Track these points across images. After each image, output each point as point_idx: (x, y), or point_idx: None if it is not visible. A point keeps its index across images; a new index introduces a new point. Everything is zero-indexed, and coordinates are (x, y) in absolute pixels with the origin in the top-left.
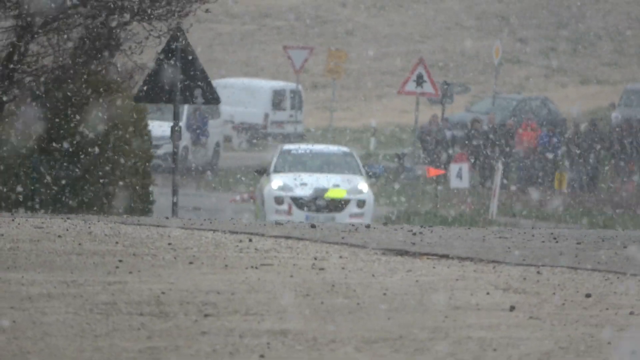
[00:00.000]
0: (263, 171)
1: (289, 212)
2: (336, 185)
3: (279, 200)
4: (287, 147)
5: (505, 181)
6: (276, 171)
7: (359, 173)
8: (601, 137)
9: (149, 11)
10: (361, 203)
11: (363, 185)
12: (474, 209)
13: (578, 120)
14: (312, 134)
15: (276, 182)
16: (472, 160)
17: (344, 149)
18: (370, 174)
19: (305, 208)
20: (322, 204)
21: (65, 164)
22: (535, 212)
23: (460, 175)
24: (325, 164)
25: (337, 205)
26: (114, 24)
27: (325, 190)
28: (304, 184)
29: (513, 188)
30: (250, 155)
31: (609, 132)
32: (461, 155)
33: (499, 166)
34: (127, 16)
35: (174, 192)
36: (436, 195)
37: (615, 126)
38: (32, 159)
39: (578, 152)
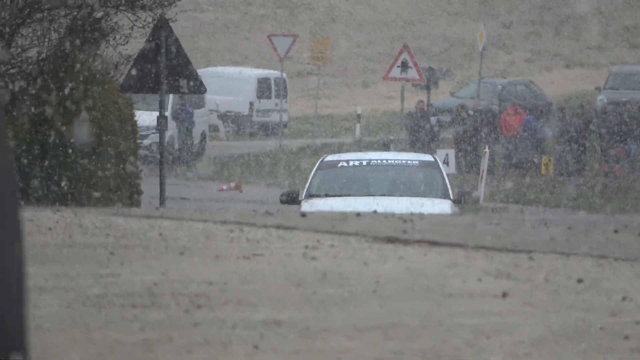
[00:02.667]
0: (292, 197)
1: None
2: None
3: None
4: (330, 158)
5: (492, 166)
6: (311, 195)
7: (444, 195)
8: (587, 120)
9: (133, 1)
10: None
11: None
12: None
13: (564, 104)
14: (295, 121)
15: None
16: (458, 146)
17: (425, 157)
18: (460, 196)
19: None
20: None
21: (51, 155)
22: (523, 197)
23: (446, 161)
24: (393, 183)
25: None
26: (99, 14)
27: None
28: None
29: (500, 173)
30: (237, 144)
31: (594, 115)
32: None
33: (486, 151)
34: (112, 7)
35: (161, 183)
36: None
37: (601, 109)
38: (17, 151)
39: (564, 136)
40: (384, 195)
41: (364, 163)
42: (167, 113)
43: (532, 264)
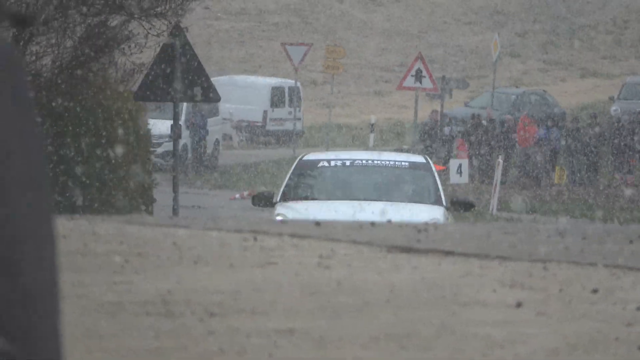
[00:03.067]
0: (266, 200)
1: None
2: (387, 220)
3: None
4: (309, 157)
5: (505, 176)
6: (286, 198)
7: (436, 200)
8: (601, 130)
9: (148, 10)
10: None
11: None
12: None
13: (580, 114)
14: (309, 130)
15: (279, 219)
16: (472, 156)
17: (416, 158)
18: (456, 203)
19: None
20: None
21: (68, 163)
22: (537, 207)
23: (460, 171)
24: (379, 187)
25: None
26: (114, 23)
27: None
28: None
29: (514, 183)
30: (250, 153)
31: (608, 125)
32: (461, 150)
33: (499, 161)
34: (126, 15)
35: (175, 191)
36: None
37: (615, 119)
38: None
39: (577, 146)
40: (367, 199)
41: (347, 163)
42: (181, 121)
43: (547, 273)
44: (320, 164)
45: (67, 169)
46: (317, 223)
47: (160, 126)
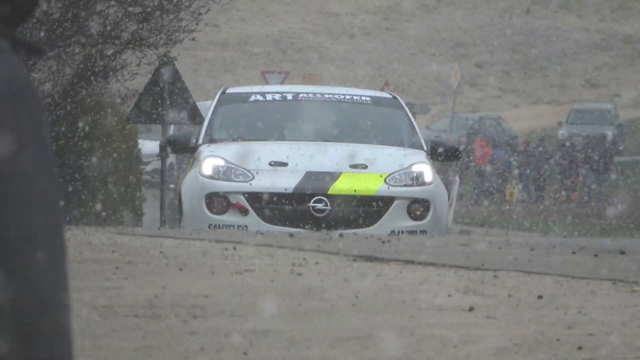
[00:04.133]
0: (180, 144)
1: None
2: (358, 165)
3: (218, 204)
4: (234, 90)
5: (461, 193)
6: (213, 140)
7: (415, 143)
8: (547, 152)
9: (141, 41)
10: (418, 207)
11: (422, 168)
12: None
13: (530, 137)
14: None
15: (212, 161)
16: None
17: (381, 93)
18: (439, 149)
19: (284, 219)
20: (321, 210)
21: (66, 178)
22: (489, 221)
23: None
24: (340, 126)
25: (358, 211)
26: (109, 52)
27: (330, 176)
28: (280, 163)
29: (469, 200)
30: None
31: (557, 147)
32: None
33: (456, 179)
34: (121, 45)
35: (162, 205)
36: None
37: (562, 142)
38: None
39: (527, 166)
40: (329, 141)
41: (289, 97)
42: None
43: (497, 281)
44: (253, 98)
45: (66, 185)
46: (291, 234)
47: (149, 146)
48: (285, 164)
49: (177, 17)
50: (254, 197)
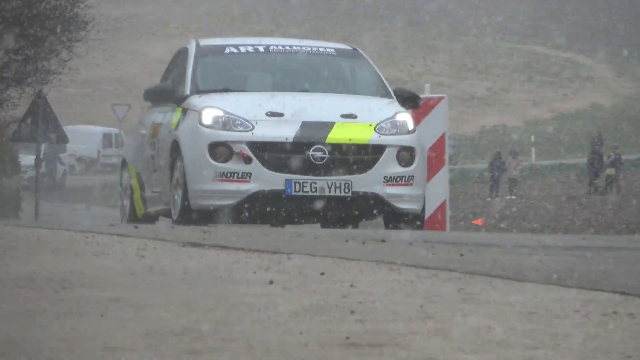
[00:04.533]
0: (165, 94)
1: (244, 177)
2: (348, 115)
3: (220, 153)
4: (207, 42)
5: None
6: (200, 91)
7: (386, 93)
8: None
9: (21, 79)
10: (406, 154)
11: (405, 117)
12: None
13: None
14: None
15: (211, 112)
16: None
17: (342, 45)
18: (405, 95)
19: (285, 166)
20: (320, 158)
21: None
22: None
23: None
24: (313, 77)
25: (353, 159)
26: None
27: (325, 126)
28: (276, 113)
29: None
30: (88, 178)
31: None
32: None
33: None
34: (4, 82)
35: (36, 204)
36: None
37: None
38: None
39: None
40: (311, 92)
41: (262, 49)
42: (41, 156)
43: (290, 262)
44: (227, 50)
45: None
46: (135, 227)
47: (26, 159)
48: (281, 114)
49: (49, 63)
50: (256, 146)
